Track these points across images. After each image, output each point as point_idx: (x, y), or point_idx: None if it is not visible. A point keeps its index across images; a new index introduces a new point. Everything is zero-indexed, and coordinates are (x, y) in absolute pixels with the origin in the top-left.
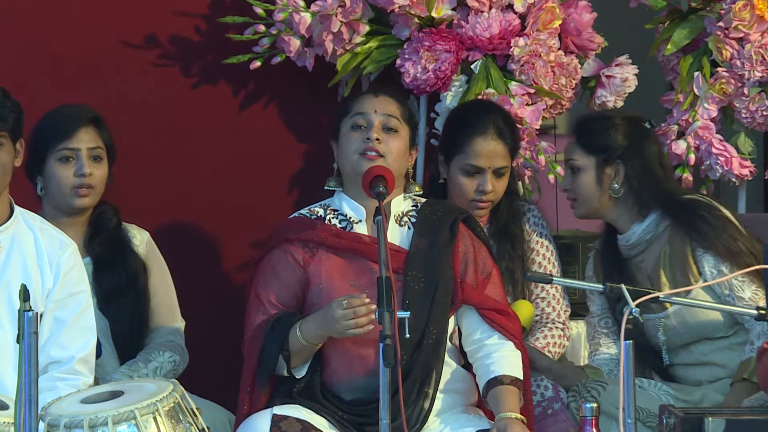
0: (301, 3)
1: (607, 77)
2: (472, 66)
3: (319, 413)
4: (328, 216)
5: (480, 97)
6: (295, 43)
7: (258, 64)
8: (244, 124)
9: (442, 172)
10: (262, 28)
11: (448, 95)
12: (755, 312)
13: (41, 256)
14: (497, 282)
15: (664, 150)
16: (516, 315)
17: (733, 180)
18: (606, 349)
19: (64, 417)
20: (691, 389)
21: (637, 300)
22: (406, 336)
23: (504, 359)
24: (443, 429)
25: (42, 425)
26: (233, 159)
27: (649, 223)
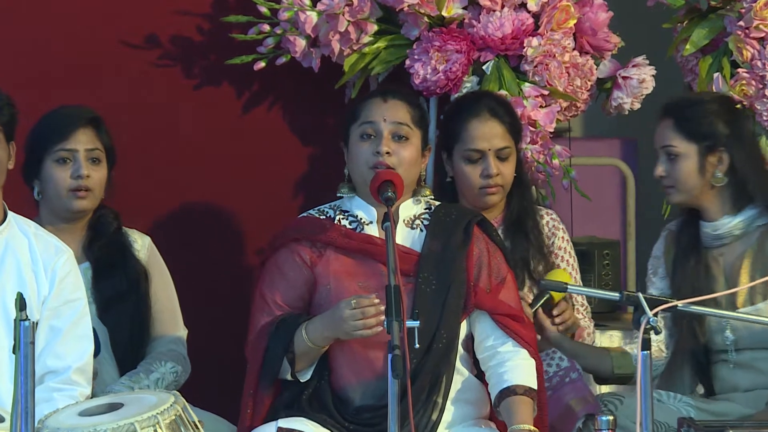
0: (307, 2)
1: (624, 78)
2: (483, 67)
3: (325, 425)
4: (337, 217)
5: None
6: (301, 43)
7: (262, 64)
8: (247, 126)
9: (447, 170)
10: (266, 27)
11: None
12: None
13: (36, 261)
14: (512, 288)
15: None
16: (531, 322)
17: None
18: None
19: (61, 430)
20: (713, 401)
21: (655, 309)
22: (415, 346)
23: (518, 368)
24: None
25: None
26: (236, 163)
27: (743, 219)
